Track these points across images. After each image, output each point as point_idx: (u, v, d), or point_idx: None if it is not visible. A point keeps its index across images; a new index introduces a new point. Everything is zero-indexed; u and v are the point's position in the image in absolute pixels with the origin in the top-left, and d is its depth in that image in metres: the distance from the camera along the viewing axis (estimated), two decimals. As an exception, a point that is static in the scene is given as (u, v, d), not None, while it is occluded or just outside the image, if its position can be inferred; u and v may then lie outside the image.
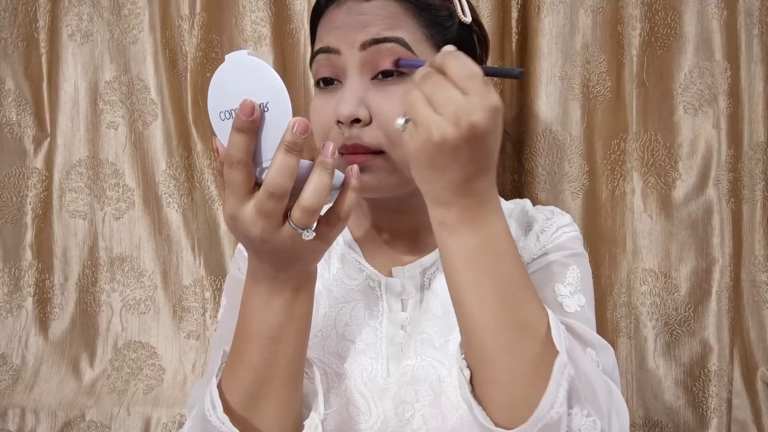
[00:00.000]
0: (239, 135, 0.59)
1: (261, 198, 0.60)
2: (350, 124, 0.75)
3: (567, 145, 1.11)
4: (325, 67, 0.79)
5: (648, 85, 1.12)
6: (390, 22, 0.77)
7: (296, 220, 0.61)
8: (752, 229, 1.13)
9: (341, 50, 0.77)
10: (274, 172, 0.59)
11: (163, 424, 1.15)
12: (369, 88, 0.77)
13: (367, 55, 0.76)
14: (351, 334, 0.82)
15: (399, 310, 0.84)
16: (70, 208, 1.20)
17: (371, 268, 0.85)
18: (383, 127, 0.76)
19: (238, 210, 0.62)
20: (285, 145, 0.59)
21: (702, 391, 1.10)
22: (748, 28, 1.10)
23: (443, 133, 0.60)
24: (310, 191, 0.61)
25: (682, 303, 1.12)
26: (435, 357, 0.80)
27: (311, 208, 0.61)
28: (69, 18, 1.18)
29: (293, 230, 0.62)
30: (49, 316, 1.21)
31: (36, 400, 1.17)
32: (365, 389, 0.79)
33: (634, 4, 1.11)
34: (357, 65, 0.76)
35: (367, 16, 0.77)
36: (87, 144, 1.20)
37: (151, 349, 1.19)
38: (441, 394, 0.78)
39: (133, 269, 1.20)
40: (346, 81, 0.77)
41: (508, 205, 0.92)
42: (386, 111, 0.75)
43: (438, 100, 0.61)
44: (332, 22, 0.79)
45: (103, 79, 1.19)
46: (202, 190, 1.20)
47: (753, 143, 1.12)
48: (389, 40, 0.76)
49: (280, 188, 0.59)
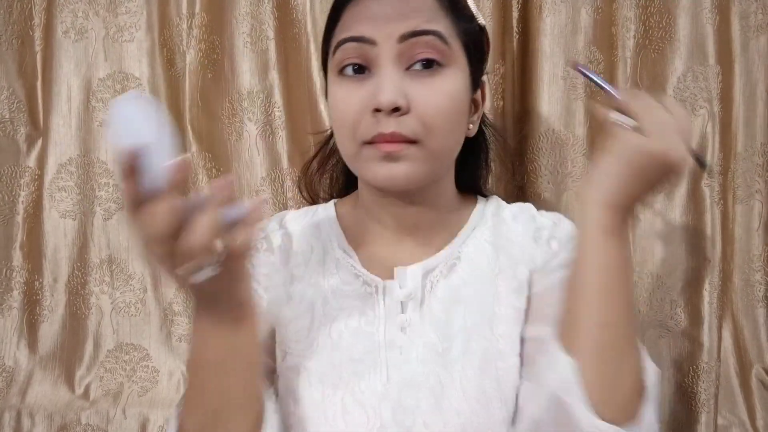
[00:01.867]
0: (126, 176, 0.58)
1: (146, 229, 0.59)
2: (389, 112, 0.75)
3: (570, 145, 1.12)
4: (353, 56, 0.78)
5: (641, 87, 1.13)
6: (428, 15, 0.77)
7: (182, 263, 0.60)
8: (747, 229, 1.15)
9: (377, 41, 0.77)
10: (156, 211, 0.58)
11: (160, 426, 1.13)
12: (404, 78, 0.77)
13: (404, 47, 0.76)
14: (347, 344, 0.81)
15: (398, 312, 0.82)
16: (60, 208, 1.18)
17: (367, 273, 0.84)
18: (421, 116, 0.76)
19: (134, 227, 0.61)
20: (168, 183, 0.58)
21: (692, 387, 1.11)
22: (743, 31, 1.12)
23: (679, 156, 0.69)
24: (195, 229, 0.59)
25: (673, 302, 1.13)
26: (437, 362, 0.79)
27: (196, 247, 0.59)
28: (64, 15, 1.17)
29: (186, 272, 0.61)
30: (39, 318, 1.18)
31: (31, 403, 1.15)
32: (363, 397, 0.78)
33: (628, 6, 1.12)
34: (393, 56, 0.77)
35: (405, 8, 0.77)
36: (78, 142, 1.18)
37: (143, 351, 1.18)
38: (443, 400, 0.77)
39: (123, 271, 1.19)
40: (381, 70, 0.77)
41: (512, 209, 0.92)
42: (425, 101, 0.76)
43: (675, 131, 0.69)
44: (366, 11, 0.78)
45: (97, 77, 1.18)
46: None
47: (748, 145, 1.13)
48: (428, 32, 0.76)
49: (162, 225, 0.58)
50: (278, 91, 1.17)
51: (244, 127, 1.18)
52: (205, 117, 1.17)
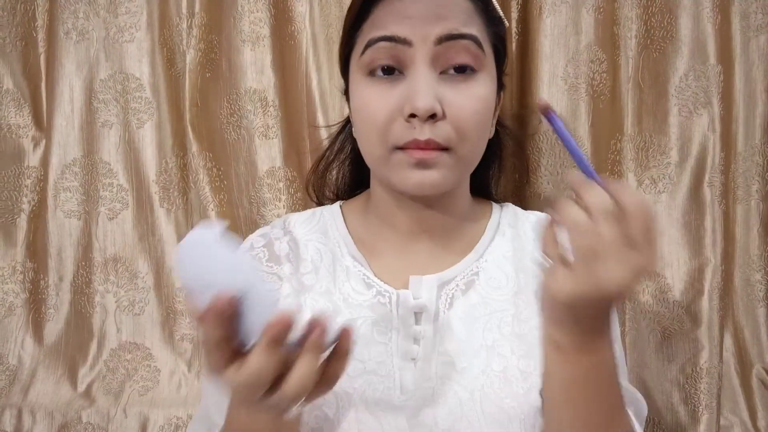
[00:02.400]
0: (214, 326, 0.56)
1: (238, 385, 0.58)
2: (426, 119, 0.73)
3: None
4: (386, 56, 0.75)
5: (643, 87, 1.13)
6: (464, 18, 0.75)
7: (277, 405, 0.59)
8: (747, 229, 1.14)
9: (413, 42, 0.74)
10: (253, 368, 0.56)
11: (160, 426, 1.14)
12: (438, 83, 0.75)
13: (440, 49, 0.74)
14: (359, 353, 0.77)
15: (413, 323, 0.80)
16: (64, 208, 1.19)
17: (380, 282, 0.82)
18: (455, 123, 0.74)
19: (219, 375, 0.59)
20: (266, 340, 0.56)
21: (693, 388, 1.11)
22: (743, 31, 1.11)
23: (608, 292, 0.59)
24: (295, 380, 0.57)
25: (674, 302, 1.13)
26: (457, 381, 0.77)
27: (294, 396, 0.58)
28: (65, 16, 1.17)
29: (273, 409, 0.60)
30: (44, 316, 1.19)
31: (32, 401, 1.16)
32: (377, 408, 0.76)
33: (630, 6, 1.11)
34: (428, 59, 0.74)
35: (443, 9, 0.74)
36: (81, 143, 1.19)
37: (146, 350, 1.18)
38: (461, 420, 0.75)
39: (127, 270, 1.19)
40: (415, 72, 0.74)
41: (530, 219, 0.90)
42: (460, 108, 0.74)
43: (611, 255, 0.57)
44: (402, 10, 0.75)
45: (98, 78, 1.18)
46: (197, 191, 1.19)
47: (748, 145, 1.13)
48: (466, 36, 0.74)
49: (259, 381, 0.57)
50: (276, 90, 1.17)
51: (242, 127, 1.18)
52: (204, 116, 1.18)
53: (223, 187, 1.19)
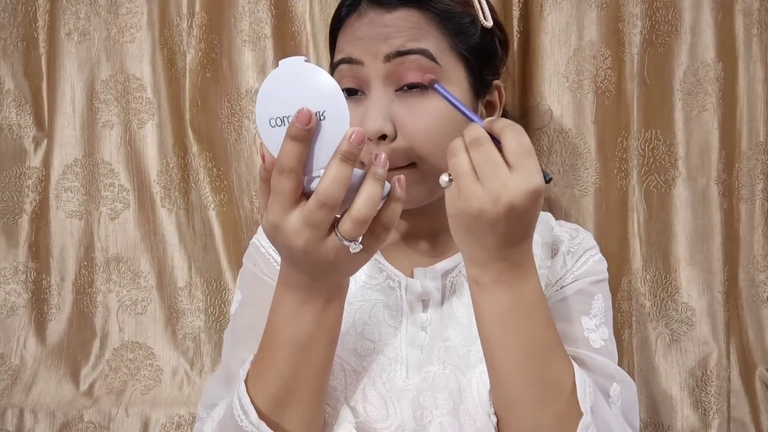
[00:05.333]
0: (293, 143, 0.58)
1: (311, 208, 0.59)
2: (377, 141, 0.74)
3: (573, 142, 1.11)
4: (348, 77, 0.78)
5: (649, 84, 1.11)
6: (413, 33, 0.76)
7: (345, 231, 0.61)
8: (751, 229, 1.13)
9: (364, 62, 0.76)
10: (328, 182, 0.58)
11: (162, 424, 1.14)
12: (393, 101, 0.76)
13: (391, 66, 0.75)
14: (370, 333, 0.81)
15: (420, 311, 0.83)
16: (66, 208, 1.20)
17: (391, 267, 0.85)
18: (409, 141, 0.75)
19: (282, 219, 0.60)
20: (341, 154, 0.58)
21: (703, 391, 1.10)
22: (747, 28, 1.10)
23: (482, 207, 0.63)
24: (362, 202, 0.60)
25: (681, 303, 1.11)
26: (457, 366, 0.79)
27: (363, 219, 0.60)
28: (67, 17, 1.18)
29: (339, 242, 0.61)
30: (46, 316, 1.20)
31: (34, 400, 1.16)
32: (384, 389, 0.78)
33: (634, 2, 1.10)
34: (381, 77, 0.76)
35: (390, 27, 0.76)
36: (83, 143, 1.19)
37: (148, 350, 1.19)
38: (460, 404, 0.77)
39: (129, 270, 1.20)
40: (371, 93, 0.76)
41: None
42: (412, 125, 0.75)
43: (484, 172, 0.63)
44: (354, 33, 0.78)
45: (99, 78, 1.19)
46: (198, 190, 1.19)
47: (752, 143, 1.12)
48: (413, 51, 0.75)
49: (332, 198, 0.58)
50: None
51: (242, 126, 1.18)
52: (204, 116, 1.18)
53: (223, 186, 1.19)
